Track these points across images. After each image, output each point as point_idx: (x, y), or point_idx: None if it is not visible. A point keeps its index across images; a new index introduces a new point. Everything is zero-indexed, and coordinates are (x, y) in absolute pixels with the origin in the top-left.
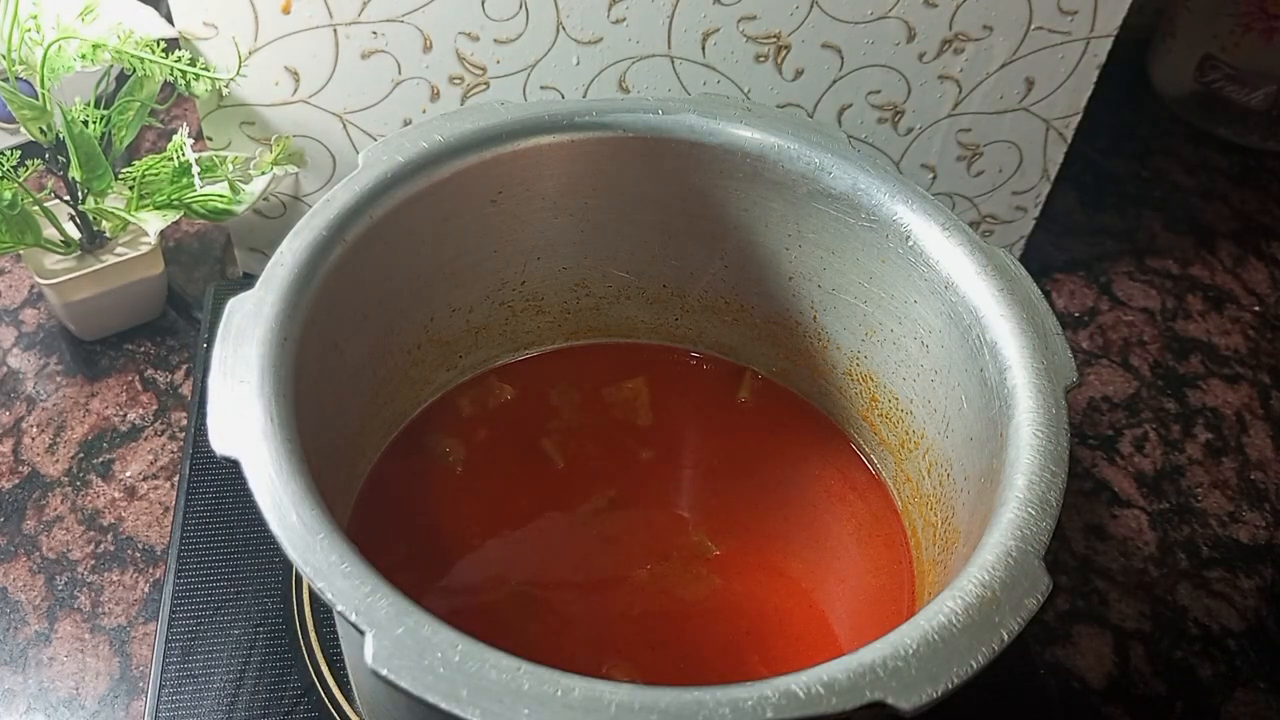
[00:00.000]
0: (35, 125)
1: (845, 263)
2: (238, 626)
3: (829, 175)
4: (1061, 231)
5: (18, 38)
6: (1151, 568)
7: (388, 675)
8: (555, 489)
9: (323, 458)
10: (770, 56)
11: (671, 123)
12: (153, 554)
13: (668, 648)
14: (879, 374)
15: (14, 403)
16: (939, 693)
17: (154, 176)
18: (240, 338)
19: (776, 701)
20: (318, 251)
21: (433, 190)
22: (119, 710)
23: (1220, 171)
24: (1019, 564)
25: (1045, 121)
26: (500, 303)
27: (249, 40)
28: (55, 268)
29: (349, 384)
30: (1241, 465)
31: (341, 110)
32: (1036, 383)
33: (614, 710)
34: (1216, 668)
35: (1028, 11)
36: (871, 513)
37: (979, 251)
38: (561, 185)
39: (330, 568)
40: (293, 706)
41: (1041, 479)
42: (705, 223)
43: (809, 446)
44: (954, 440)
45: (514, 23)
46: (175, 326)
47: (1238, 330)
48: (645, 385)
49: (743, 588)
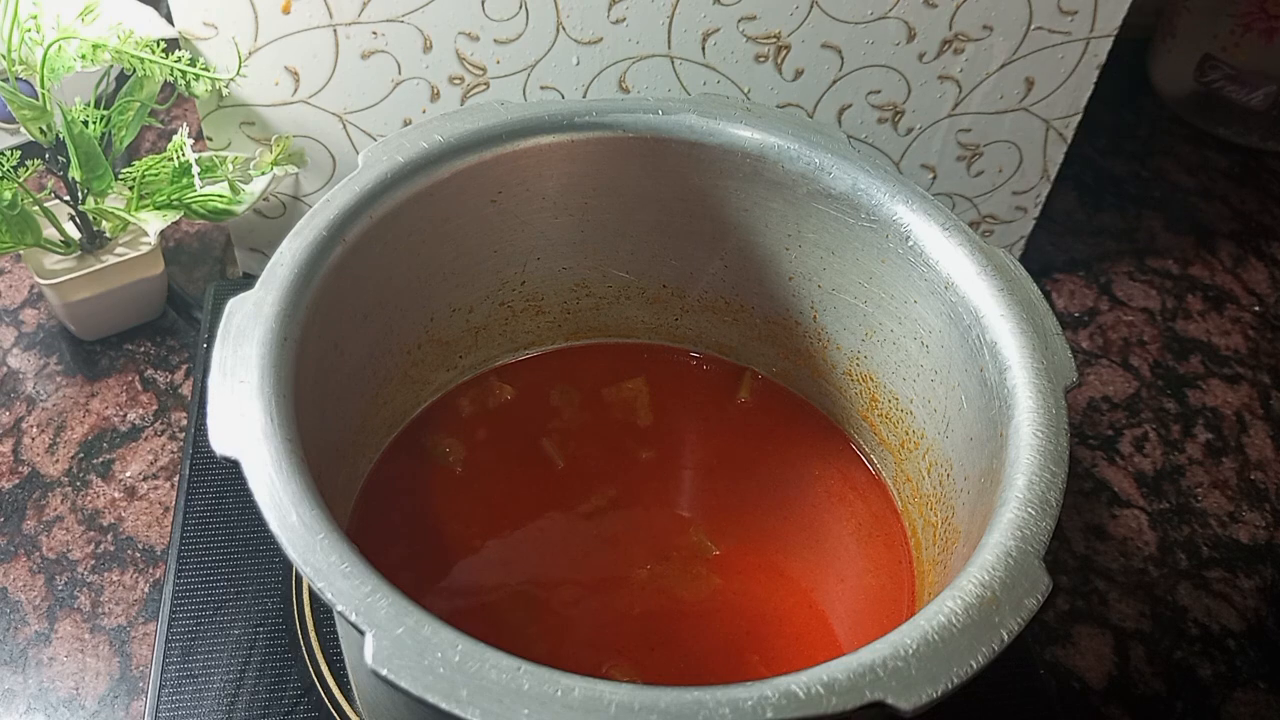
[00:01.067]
0: (35, 125)
1: (845, 263)
2: (238, 626)
3: (829, 175)
4: (1061, 231)
5: (18, 38)
6: (1151, 568)
7: (388, 675)
8: (555, 489)
9: (323, 458)
10: (770, 56)
11: (671, 123)
12: (153, 554)
13: (668, 648)
14: (879, 374)
15: (14, 403)
16: (939, 693)
17: (154, 176)
18: (240, 338)
19: (776, 701)
20: (318, 251)
21: (432, 190)
22: (119, 710)
23: (1220, 171)
24: (1019, 564)
25: (1045, 121)
26: (500, 303)
27: (249, 40)
28: (55, 268)
29: (349, 384)
30: (1241, 465)
31: (341, 110)
32: (1036, 383)
33: (614, 710)
34: (1216, 668)
35: (1028, 11)
36: (871, 513)
37: (979, 251)
38: (561, 185)
39: (330, 568)
40: (293, 706)
41: (1041, 479)
42: (705, 223)
43: (809, 446)
44: (954, 440)
45: (514, 23)
46: (175, 326)
47: (1238, 330)
48: (645, 385)
49: (743, 588)
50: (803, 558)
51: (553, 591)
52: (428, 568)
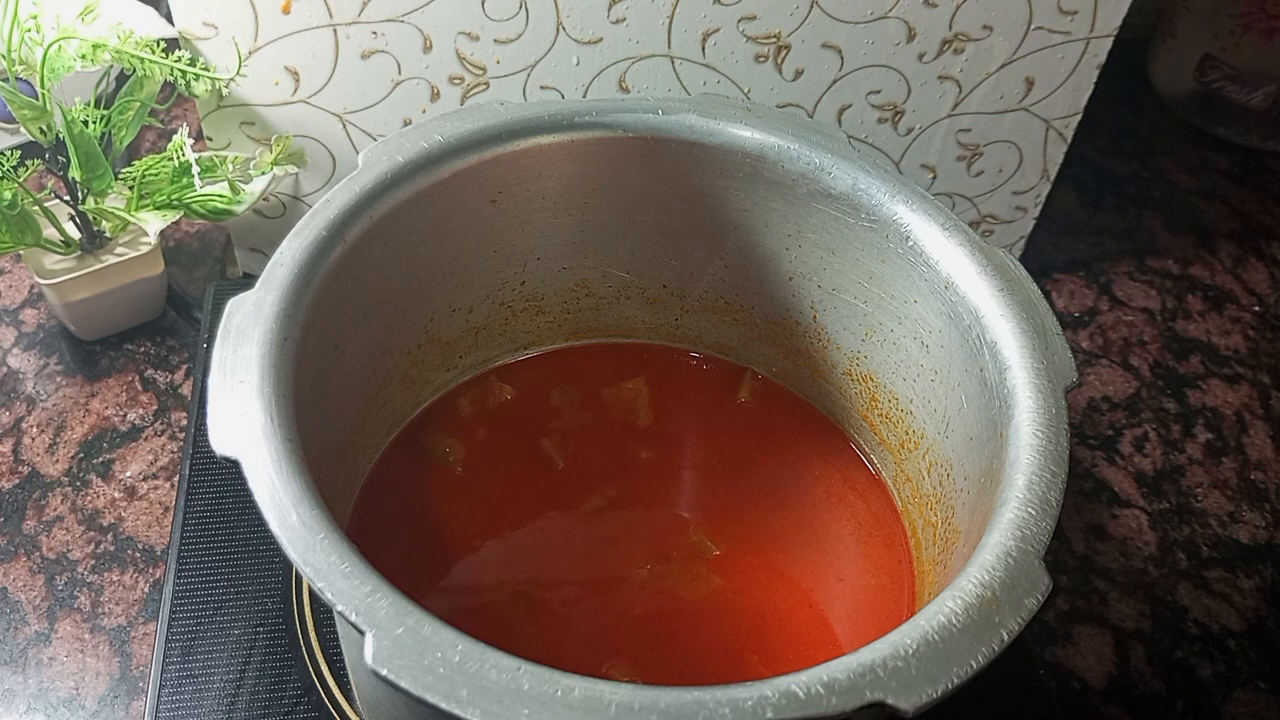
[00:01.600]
0: (35, 125)
1: (845, 263)
2: (237, 626)
3: (829, 175)
4: (1061, 231)
5: (18, 38)
6: (1151, 568)
7: (388, 675)
8: (555, 489)
9: (323, 458)
10: (770, 56)
11: (671, 123)
12: (152, 554)
13: (668, 648)
14: (879, 374)
15: (14, 403)
16: (939, 693)
17: (154, 176)
18: (240, 338)
19: (776, 701)
20: (317, 251)
21: (432, 190)
22: (119, 710)
23: (1220, 171)
24: (1019, 564)
25: (1045, 121)
26: (500, 303)
27: (249, 40)
28: (55, 268)
29: (349, 384)
30: (1241, 465)
31: (341, 110)
32: (1036, 383)
33: (614, 710)
34: (1216, 668)
35: (1028, 11)
36: (871, 513)
37: (979, 251)
38: (561, 185)
39: (330, 568)
40: (292, 706)
41: (1042, 479)
42: (705, 223)
43: (809, 446)
44: (954, 440)
45: (514, 23)
46: (175, 326)
47: (1238, 330)
48: (645, 385)
49: (743, 588)
50: (803, 558)
51: (553, 591)
52: (428, 568)
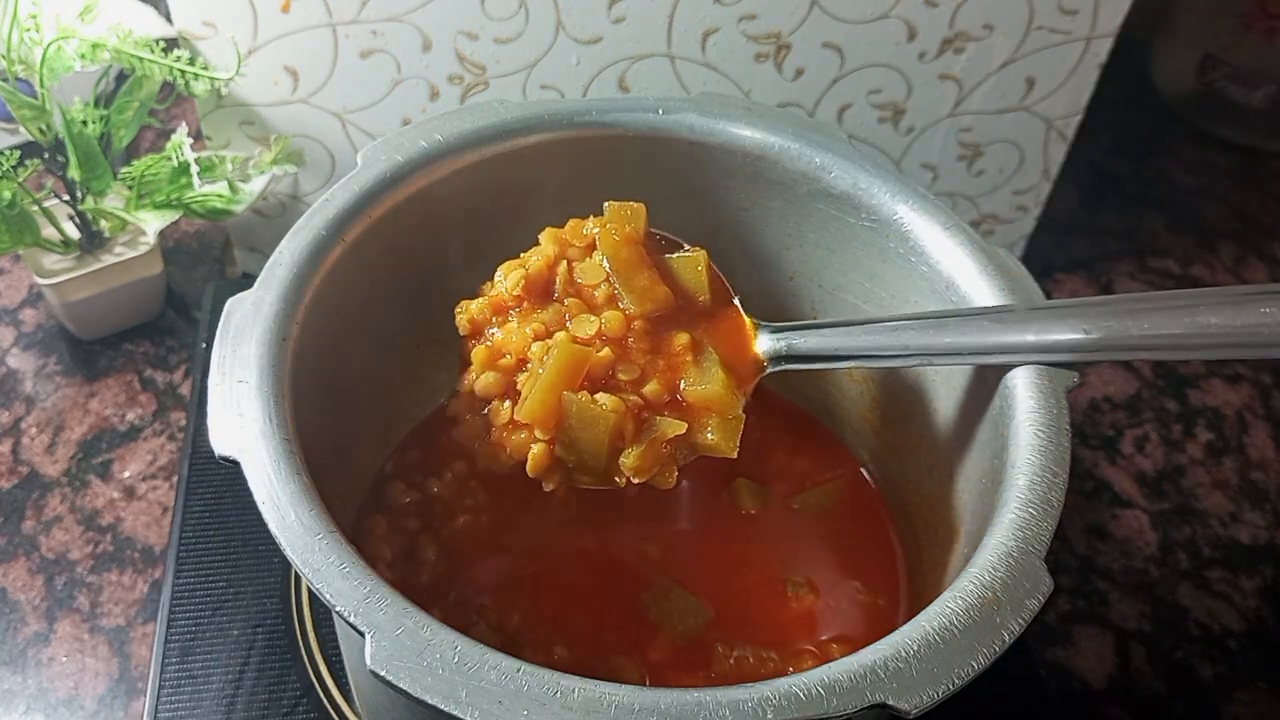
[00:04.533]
0: (35, 125)
1: (846, 262)
2: (237, 627)
3: (829, 175)
4: (1062, 231)
5: (17, 37)
6: (1152, 568)
7: (387, 676)
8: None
9: (323, 458)
10: (770, 56)
11: (671, 122)
12: (151, 554)
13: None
14: (879, 375)
15: (13, 403)
16: (940, 694)
17: (153, 176)
18: (239, 337)
19: (777, 703)
20: (317, 251)
21: (432, 190)
22: (118, 710)
23: (1221, 171)
24: (1020, 564)
25: (1046, 121)
26: None
27: (248, 40)
28: (54, 268)
29: (349, 383)
30: (1242, 465)
31: (341, 110)
32: (1037, 383)
33: (614, 711)
34: (1217, 668)
35: (1028, 11)
36: (872, 513)
37: (980, 251)
38: (561, 185)
39: (329, 568)
40: (292, 707)
41: (1043, 479)
42: (705, 222)
43: (809, 446)
44: (955, 441)
45: (514, 22)
46: (174, 326)
47: None
48: None
49: (743, 588)
50: (803, 559)
51: (553, 591)
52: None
